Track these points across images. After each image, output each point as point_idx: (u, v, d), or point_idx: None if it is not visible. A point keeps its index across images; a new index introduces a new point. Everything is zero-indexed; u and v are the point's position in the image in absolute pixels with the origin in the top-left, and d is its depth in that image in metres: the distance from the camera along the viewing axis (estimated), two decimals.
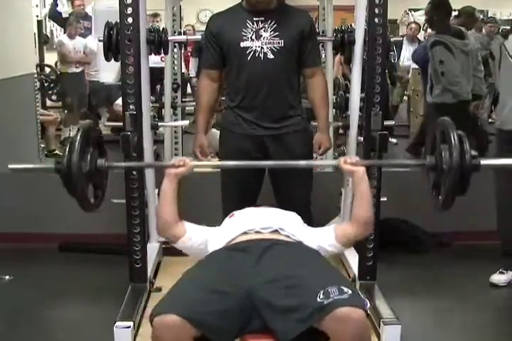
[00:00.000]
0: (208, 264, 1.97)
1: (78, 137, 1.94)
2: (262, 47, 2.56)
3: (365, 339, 1.74)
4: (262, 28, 2.57)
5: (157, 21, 6.18)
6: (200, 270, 1.93)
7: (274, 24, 2.58)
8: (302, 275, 1.80)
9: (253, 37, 2.57)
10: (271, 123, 2.64)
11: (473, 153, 1.89)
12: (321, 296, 1.67)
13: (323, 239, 2.11)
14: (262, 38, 2.57)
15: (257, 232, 2.05)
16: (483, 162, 1.91)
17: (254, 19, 2.58)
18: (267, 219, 2.13)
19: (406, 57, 6.88)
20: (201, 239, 2.12)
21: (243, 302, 1.75)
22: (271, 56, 2.57)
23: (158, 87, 4.40)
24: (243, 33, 2.57)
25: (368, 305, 1.75)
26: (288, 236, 2.05)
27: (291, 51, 2.61)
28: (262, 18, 2.58)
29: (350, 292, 1.70)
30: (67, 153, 1.93)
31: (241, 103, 2.65)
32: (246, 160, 2.54)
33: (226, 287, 1.78)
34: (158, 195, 2.96)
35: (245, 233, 2.06)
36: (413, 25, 7.12)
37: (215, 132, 3.05)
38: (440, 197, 1.98)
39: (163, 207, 2.14)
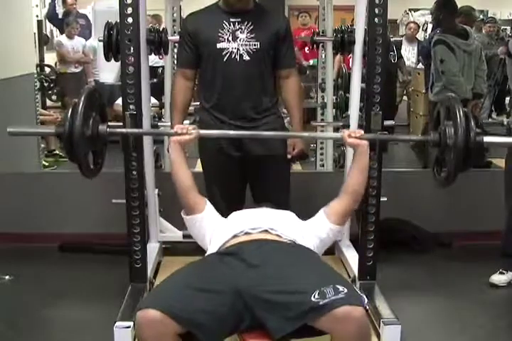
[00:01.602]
0: (198, 265, 1.97)
1: (81, 101, 1.92)
2: (238, 49, 2.57)
3: (366, 335, 1.74)
4: (238, 30, 2.57)
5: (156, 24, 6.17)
6: (189, 269, 1.94)
7: (250, 25, 2.57)
8: (295, 275, 1.80)
9: (229, 38, 2.57)
10: (246, 123, 2.64)
11: (478, 130, 1.90)
12: (316, 296, 1.66)
13: (318, 227, 2.13)
14: (238, 40, 2.57)
15: (247, 233, 2.05)
16: (487, 139, 1.93)
17: (231, 20, 2.58)
18: (256, 219, 2.13)
19: (406, 57, 6.88)
20: (208, 225, 2.14)
21: (233, 301, 1.75)
22: (247, 58, 2.57)
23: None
24: (219, 34, 2.57)
25: (366, 300, 1.75)
26: (279, 236, 2.05)
27: (267, 53, 2.61)
28: (239, 19, 2.58)
29: (345, 290, 1.69)
30: (69, 116, 1.90)
31: (216, 104, 2.65)
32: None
33: (215, 286, 1.78)
34: (159, 195, 3.00)
35: (235, 236, 2.06)
36: (412, 25, 7.11)
37: None
38: (443, 174, 1.99)
39: (175, 174, 2.18)
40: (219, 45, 2.57)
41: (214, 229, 2.15)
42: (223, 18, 2.59)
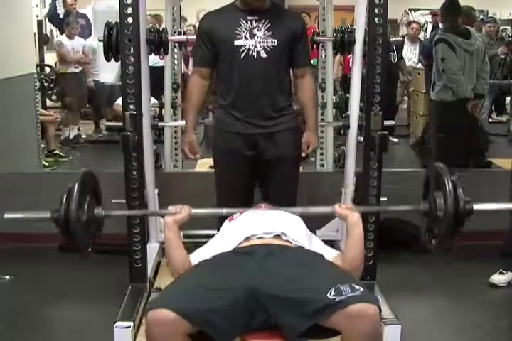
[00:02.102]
0: (209, 264, 1.97)
1: (76, 186, 1.94)
2: (255, 46, 2.57)
3: (378, 334, 1.75)
4: (255, 27, 2.58)
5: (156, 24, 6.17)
6: (200, 269, 1.94)
7: (267, 23, 2.58)
8: (310, 274, 1.80)
9: (247, 35, 2.57)
10: (263, 121, 2.65)
11: (467, 198, 1.92)
12: (333, 293, 1.67)
13: (323, 252, 2.10)
14: (255, 37, 2.57)
15: (260, 238, 2.05)
16: (476, 207, 1.94)
17: (248, 18, 2.58)
18: (269, 223, 2.13)
19: (407, 57, 6.88)
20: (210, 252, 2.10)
21: (245, 299, 1.74)
22: (264, 55, 2.58)
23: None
24: (237, 32, 2.57)
25: (380, 300, 1.75)
26: (289, 242, 2.05)
27: (283, 50, 2.61)
28: (256, 18, 2.58)
29: (361, 289, 1.70)
30: (64, 202, 1.93)
31: (233, 102, 2.65)
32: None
33: (227, 284, 1.77)
34: (159, 195, 3.00)
35: (248, 238, 2.06)
36: (414, 25, 7.10)
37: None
38: (434, 241, 2.01)
39: (171, 255, 2.12)
40: (236, 43, 2.57)
41: (210, 250, 2.11)
42: (240, 16, 2.60)
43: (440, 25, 7.17)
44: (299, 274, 1.80)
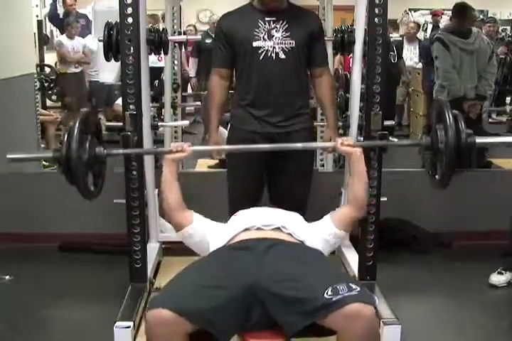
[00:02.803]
0: (207, 261, 1.97)
1: (76, 125, 1.93)
2: (274, 47, 2.60)
3: (375, 335, 1.74)
4: (273, 28, 2.60)
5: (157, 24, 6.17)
6: (198, 266, 1.94)
7: (285, 24, 2.61)
8: (308, 273, 1.80)
9: (265, 37, 2.60)
10: (281, 120, 2.68)
11: (468, 131, 1.91)
12: (330, 292, 1.67)
13: (324, 230, 2.13)
14: (274, 38, 2.60)
15: (259, 229, 2.06)
16: (478, 140, 1.95)
17: (266, 19, 2.61)
18: (269, 216, 2.14)
19: (408, 57, 6.88)
20: (203, 231, 2.13)
21: (243, 297, 1.75)
22: (282, 56, 2.60)
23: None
24: (255, 33, 2.60)
25: (377, 301, 1.75)
26: (290, 235, 2.05)
27: (301, 51, 2.64)
28: (274, 18, 2.61)
29: (358, 289, 1.70)
30: (65, 141, 1.92)
31: (252, 101, 2.68)
32: (247, 148, 2.55)
33: (225, 281, 1.78)
34: (159, 195, 3.00)
35: (247, 229, 2.06)
36: (412, 25, 7.12)
37: (223, 130, 3.07)
38: (437, 176, 2.01)
39: (165, 192, 2.17)
40: (255, 44, 2.60)
41: (212, 231, 2.14)
42: (258, 17, 2.62)
43: (440, 25, 7.20)
44: (297, 272, 1.81)
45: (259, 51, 2.60)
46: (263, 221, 2.09)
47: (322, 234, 2.14)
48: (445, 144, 1.94)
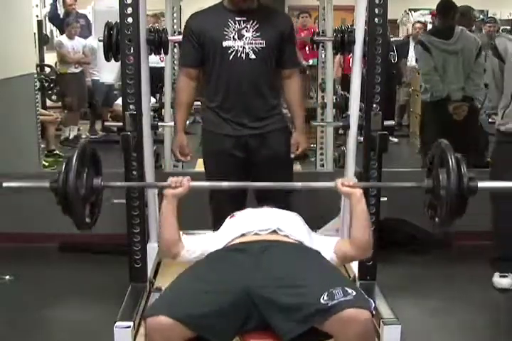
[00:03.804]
0: (204, 265, 1.96)
1: (74, 157, 1.93)
2: (244, 47, 2.57)
3: (370, 339, 1.74)
4: (244, 28, 2.57)
5: (159, 22, 6.17)
6: (195, 271, 1.93)
7: (255, 24, 2.58)
8: (304, 276, 1.79)
9: (235, 36, 2.57)
10: (253, 122, 2.64)
11: (471, 175, 1.90)
12: (325, 298, 1.66)
13: (322, 248, 2.08)
14: (244, 38, 2.57)
15: (256, 234, 2.04)
16: (481, 185, 1.92)
17: (237, 19, 2.58)
18: (264, 220, 2.12)
19: (414, 56, 6.86)
20: (200, 249, 2.09)
21: (240, 301, 1.74)
22: (252, 56, 2.58)
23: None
24: (225, 33, 2.57)
25: (373, 305, 1.74)
26: (287, 236, 2.04)
27: (271, 51, 2.61)
28: (244, 18, 2.58)
29: (354, 293, 1.69)
30: (63, 172, 1.92)
31: (222, 103, 2.65)
32: (239, 181, 2.45)
33: (222, 286, 1.77)
34: (159, 195, 3.00)
35: (243, 235, 2.05)
36: (418, 25, 7.13)
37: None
38: (437, 219, 2.00)
39: (164, 229, 2.10)
40: (225, 44, 2.57)
41: (207, 246, 2.09)
42: (229, 17, 2.59)
43: (435, 25, 7.19)
44: (292, 276, 1.79)
45: (229, 51, 2.57)
46: (259, 225, 2.07)
47: (319, 249, 2.08)
48: (446, 191, 1.90)
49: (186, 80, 2.69)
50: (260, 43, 2.57)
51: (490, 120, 6.61)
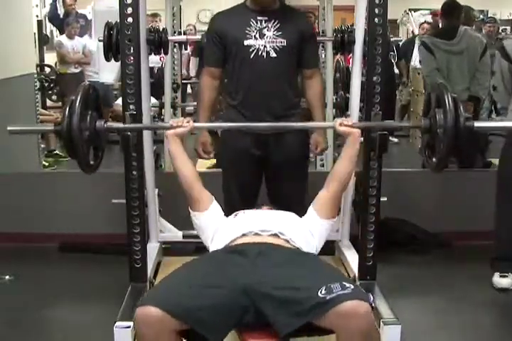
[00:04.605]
0: (201, 262, 1.97)
1: (77, 98, 1.94)
2: (265, 46, 2.60)
3: (373, 333, 1.74)
4: (265, 27, 2.61)
5: (156, 21, 6.17)
6: (191, 266, 1.93)
7: (277, 24, 2.61)
8: (301, 274, 1.80)
9: (256, 35, 2.60)
10: (273, 120, 2.67)
11: (467, 115, 1.93)
12: (323, 291, 1.66)
13: (312, 225, 2.14)
14: (265, 37, 2.61)
15: (256, 234, 2.05)
16: (477, 124, 1.95)
17: (258, 18, 2.62)
18: (267, 221, 2.13)
19: (418, 57, 6.85)
20: (212, 222, 2.16)
21: (236, 297, 1.74)
22: (273, 55, 2.61)
23: None
24: (247, 32, 2.61)
25: (372, 298, 1.74)
26: (287, 241, 2.05)
27: (292, 51, 2.65)
28: (266, 18, 2.62)
29: (352, 287, 1.69)
30: (66, 114, 1.93)
31: (243, 101, 2.68)
32: (244, 126, 2.58)
33: (218, 281, 1.77)
34: (159, 195, 3.00)
35: (244, 235, 2.06)
36: (425, 25, 7.13)
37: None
38: (434, 159, 2.02)
39: (178, 167, 2.20)
40: (246, 42, 2.61)
41: (218, 227, 2.16)
42: (250, 16, 2.63)
43: (440, 26, 7.18)
44: (290, 273, 1.80)
45: (250, 50, 2.61)
46: (261, 226, 2.08)
47: (312, 230, 2.15)
48: (443, 129, 1.95)
49: (209, 79, 2.73)
50: (281, 42, 2.61)
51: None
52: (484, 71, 4.15)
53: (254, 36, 2.60)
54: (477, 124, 1.96)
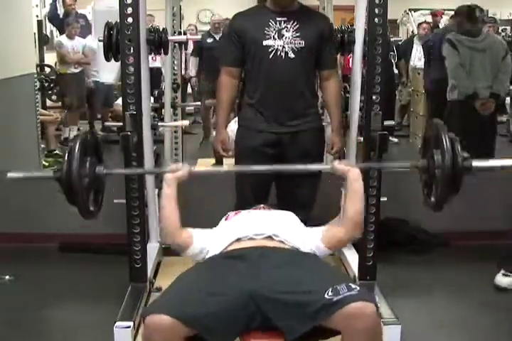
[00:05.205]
0: (205, 268, 1.96)
1: (76, 145, 1.94)
2: (283, 47, 2.62)
3: (378, 333, 1.74)
4: (284, 28, 2.63)
5: (152, 21, 6.15)
6: (196, 273, 1.93)
7: (296, 25, 2.63)
8: (306, 276, 1.80)
9: (275, 36, 2.62)
10: (289, 120, 2.69)
11: (465, 155, 1.90)
12: (330, 293, 1.66)
13: (309, 239, 2.08)
14: (284, 38, 2.62)
15: (251, 239, 2.04)
16: (475, 164, 1.93)
17: (277, 19, 2.64)
18: (260, 224, 2.11)
19: (417, 56, 6.84)
20: (204, 245, 2.09)
21: (242, 303, 1.73)
22: (292, 55, 2.63)
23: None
24: (266, 32, 2.63)
25: (377, 299, 1.75)
26: (282, 242, 2.04)
27: (310, 52, 2.67)
28: (285, 19, 2.64)
29: (358, 288, 1.70)
30: (66, 161, 1.93)
31: (260, 100, 2.70)
32: (248, 170, 2.52)
33: (224, 288, 1.77)
34: (159, 195, 3.00)
35: (239, 240, 2.05)
36: (424, 25, 7.13)
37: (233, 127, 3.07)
38: (432, 199, 2.00)
39: (164, 214, 2.10)
40: (265, 43, 2.62)
41: (210, 241, 2.10)
42: (270, 17, 2.65)
43: (440, 26, 7.18)
44: (295, 276, 1.80)
45: (269, 50, 2.63)
46: (254, 230, 2.07)
47: (305, 242, 2.08)
48: (441, 170, 1.92)
49: (228, 79, 2.75)
50: (300, 43, 2.63)
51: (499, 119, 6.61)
52: (507, 71, 4.26)
53: (273, 37, 2.62)
54: (475, 164, 1.93)
